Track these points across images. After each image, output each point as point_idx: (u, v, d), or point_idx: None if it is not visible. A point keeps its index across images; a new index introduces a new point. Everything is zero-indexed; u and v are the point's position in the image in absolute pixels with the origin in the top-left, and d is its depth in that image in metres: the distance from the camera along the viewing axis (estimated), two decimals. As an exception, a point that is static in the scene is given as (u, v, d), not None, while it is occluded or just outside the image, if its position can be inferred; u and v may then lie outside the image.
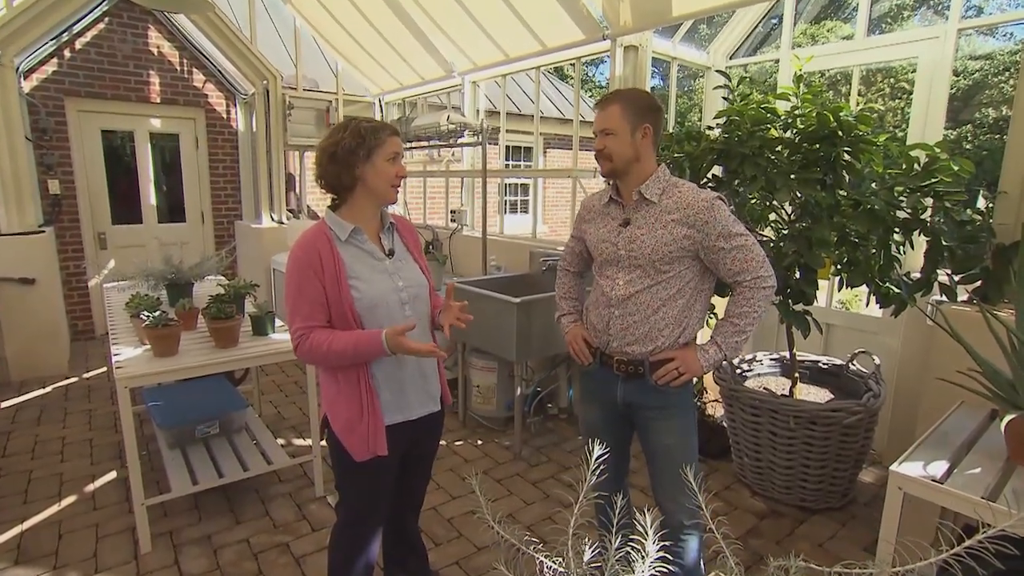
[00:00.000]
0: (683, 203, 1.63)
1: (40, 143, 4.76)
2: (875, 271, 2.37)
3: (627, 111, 1.64)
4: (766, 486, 2.84)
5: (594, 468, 0.89)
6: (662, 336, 1.68)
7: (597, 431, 1.90)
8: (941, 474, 1.60)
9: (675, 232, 1.63)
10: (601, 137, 1.67)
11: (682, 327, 1.70)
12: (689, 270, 1.68)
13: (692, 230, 1.62)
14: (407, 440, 1.67)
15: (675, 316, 1.68)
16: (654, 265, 1.66)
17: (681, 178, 1.83)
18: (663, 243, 1.63)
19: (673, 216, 1.64)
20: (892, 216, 2.24)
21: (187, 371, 2.35)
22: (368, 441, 1.55)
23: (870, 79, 12.48)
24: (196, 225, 5.78)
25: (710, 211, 1.61)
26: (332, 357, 1.51)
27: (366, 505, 1.68)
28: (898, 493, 1.64)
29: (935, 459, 1.69)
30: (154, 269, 3.07)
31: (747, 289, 1.64)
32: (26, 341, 4.16)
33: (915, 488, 1.59)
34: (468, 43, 4.21)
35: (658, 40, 3.57)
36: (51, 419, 3.59)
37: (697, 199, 1.63)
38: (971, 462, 1.68)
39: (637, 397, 1.76)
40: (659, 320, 1.68)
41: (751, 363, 3.25)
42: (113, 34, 5.01)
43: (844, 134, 2.12)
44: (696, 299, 1.72)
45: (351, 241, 1.59)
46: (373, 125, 1.57)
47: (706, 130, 2.40)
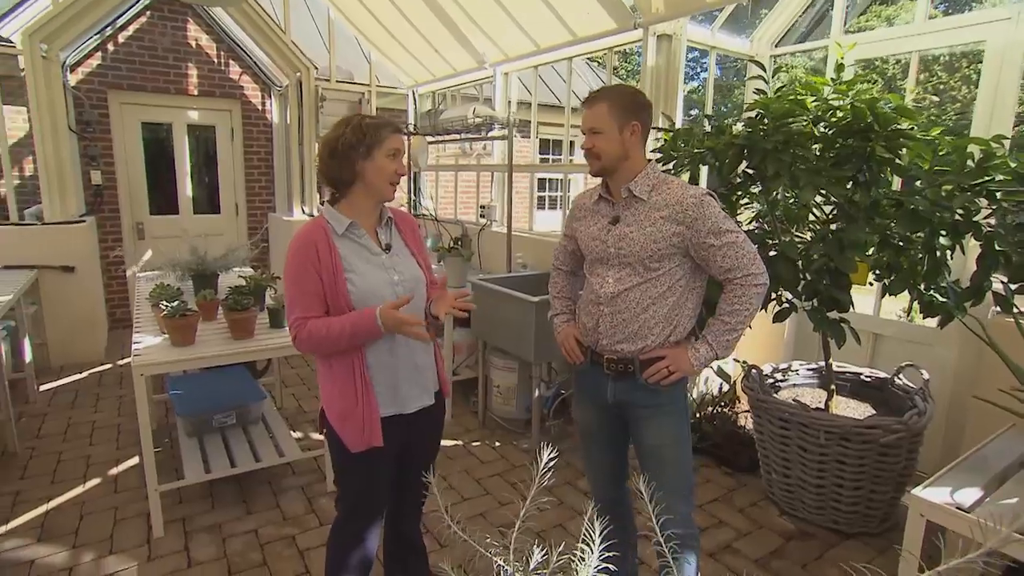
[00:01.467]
0: (672, 200, 1.64)
1: (84, 135, 5.08)
2: (919, 277, 2.26)
3: (614, 109, 1.65)
4: (796, 505, 2.75)
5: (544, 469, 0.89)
6: (652, 334, 1.69)
7: (590, 432, 1.94)
8: (971, 502, 1.52)
9: (665, 229, 1.64)
10: (589, 136, 1.69)
11: (672, 325, 1.70)
12: (679, 268, 1.69)
13: (682, 227, 1.62)
14: (403, 434, 1.70)
15: (665, 314, 1.69)
16: (643, 263, 1.67)
17: (703, 175, 1.81)
18: (652, 240, 1.64)
19: (662, 213, 1.64)
20: (939, 217, 2.13)
21: (202, 360, 2.48)
22: (363, 431, 1.60)
23: (953, 64, 11.80)
24: (230, 217, 6.04)
25: (699, 207, 1.61)
26: (330, 341, 1.57)
27: (364, 500, 1.73)
28: (920, 520, 1.57)
29: (967, 485, 1.61)
30: (180, 260, 3.23)
31: (738, 287, 1.64)
32: (66, 327, 4.45)
33: (938, 515, 1.52)
34: (499, 34, 4.23)
35: (696, 28, 3.49)
36: (84, 404, 3.83)
37: (686, 196, 1.63)
38: (1010, 491, 1.59)
39: (628, 396, 1.77)
40: (649, 318, 1.69)
41: (786, 373, 3.16)
42: (154, 27, 5.30)
43: (881, 128, 2.02)
44: (687, 297, 1.72)
45: (348, 235, 1.64)
46: (375, 122, 1.62)
47: (733, 124, 2.34)
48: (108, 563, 2.31)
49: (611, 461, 1.98)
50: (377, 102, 5.99)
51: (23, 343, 3.69)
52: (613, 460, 1.98)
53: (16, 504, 2.69)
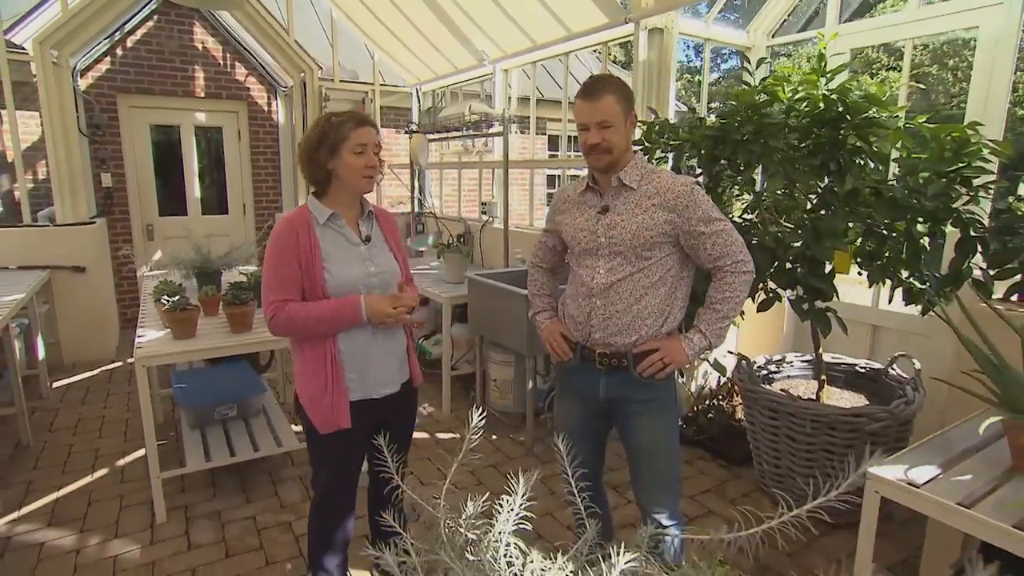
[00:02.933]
0: (663, 188, 1.70)
1: (94, 138, 5.34)
2: (899, 265, 2.34)
3: (620, 101, 1.68)
4: (787, 494, 2.83)
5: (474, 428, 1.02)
6: (645, 325, 1.73)
7: (573, 430, 1.92)
8: (924, 479, 1.61)
9: (656, 217, 1.68)
10: (598, 130, 1.68)
11: (665, 316, 1.75)
12: (670, 256, 1.74)
13: (672, 214, 1.68)
14: (374, 419, 1.83)
15: (658, 304, 1.74)
16: (635, 251, 1.71)
17: (686, 166, 1.91)
18: (644, 228, 1.68)
19: (653, 201, 1.69)
20: (917, 205, 2.21)
21: (201, 352, 2.66)
22: (331, 414, 1.73)
23: (938, 54, 11.63)
24: (238, 217, 6.28)
25: (690, 195, 1.67)
26: (309, 324, 1.70)
27: (336, 482, 1.86)
28: (875, 496, 1.66)
29: (925, 463, 1.69)
30: (185, 258, 3.43)
31: (728, 274, 1.70)
32: (78, 326, 4.71)
33: (891, 491, 1.62)
34: (497, 31, 4.37)
35: (689, 21, 3.59)
36: (94, 400, 4.06)
37: (676, 184, 1.70)
38: (965, 469, 1.67)
39: (621, 391, 1.80)
40: (642, 309, 1.72)
41: (780, 364, 3.24)
42: (161, 31, 5.55)
43: (852, 117, 2.11)
44: (677, 287, 1.77)
45: (329, 225, 1.77)
46: (339, 119, 1.71)
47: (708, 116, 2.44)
48: (113, 546, 2.50)
49: (592, 456, 1.99)
50: (381, 100, 6.17)
51: (36, 341, 3.93)
52: (593, 456, 1.99)
53: (28, 492, 2.90)
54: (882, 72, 10.36)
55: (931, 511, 1.53)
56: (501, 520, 0.96)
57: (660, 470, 1.82)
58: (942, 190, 2.15)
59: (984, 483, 1.58)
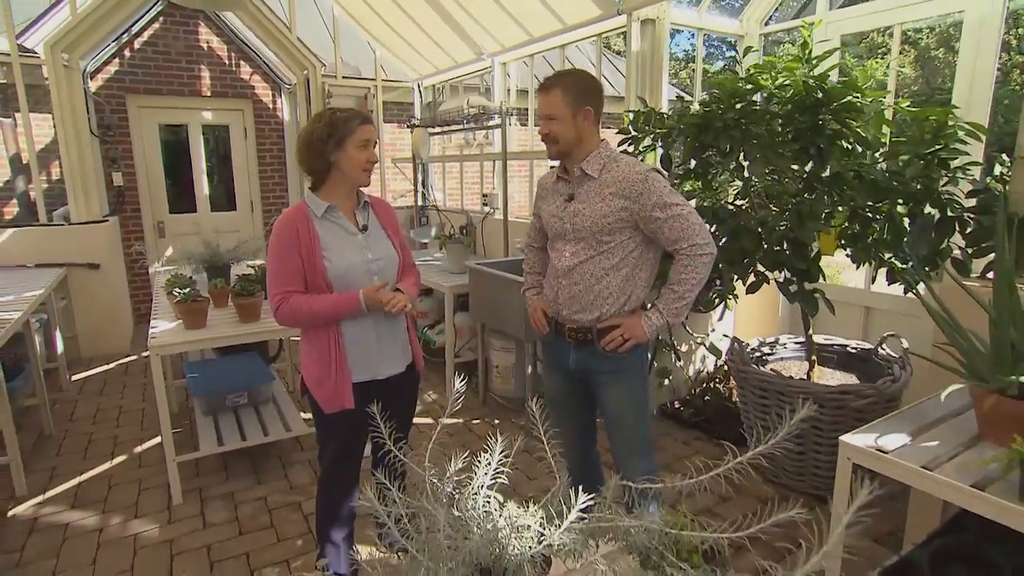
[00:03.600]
0: (620, 177, 1.82)
1: (105, 138, 5.49)
2: (881, 246, 2.42)
3: (568, 96, 1.82)
4: (778, 472, 2.93)
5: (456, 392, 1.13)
6: (607, 304, 1.88)
7: (558, 399, 2.14)
8: (893, 446, 1.70)
9: (613, 204, 1.82)
10: (545, 122, 1.86)
11: (627, 295, 1.89)
12: (631, 240, 1.86)
13: (628, 201, 1.80)
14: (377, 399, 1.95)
15: (619, 285, 1.88)
16: (595, 236, 1.85)
17: (673, 154, 2.00)
18: (602, 215, 1.83)
19: (611, 189, 1.83)
20: (898, 187, 2.28)
21: (211, 341, 2.79)
22: (335, 395, 1.85)
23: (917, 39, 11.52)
24: (246, 213, 6.42)
25: (645, 183, 1.79)
26: (312, 317, 1.82)
27: (341, 458, 1.99)
28: (847, 463, 1.76)
29: (897, 432, 1.79)
30: (195, 252, 3.56)
31: (685, 256, 1.81)
32: (93, 321, 4.87)
33: (861, 458, 1.71)
34: (495, 25, 4.46)
35: (683, 11, 3.67)
36: (111, 391, 4.22)
37: (632, 172, 1.81)
38: (933, 436, 1.76)
39: (588, 363, 1.97)
40: (603, 289, 1.88)
41: (773, 346, 3.32)
42: (167, 32, 5.68)
43: (831, 102, 2.19)
44: (639, 268, 1.90)
45: (327, 217, 1.88)
46: (345, 115, 1.85)
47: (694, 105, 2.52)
48: (133, 525, 2.64)
49: (579, 426, 2.17)
50: (384, 96, 6.27)
51: (55, 335, 4.09)
52: (581, 424, 2.17)
53: (52, 478, 3.05)
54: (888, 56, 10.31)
55: (898, 475, 1.63)
56: (479, 474, 1.07)
57: (628, 436, 1.97)
58: (920, 172, 2.23)
59: (950, 448, 1.67)
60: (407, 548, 0.92)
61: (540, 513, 1.04)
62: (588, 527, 1.01)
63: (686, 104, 2.59)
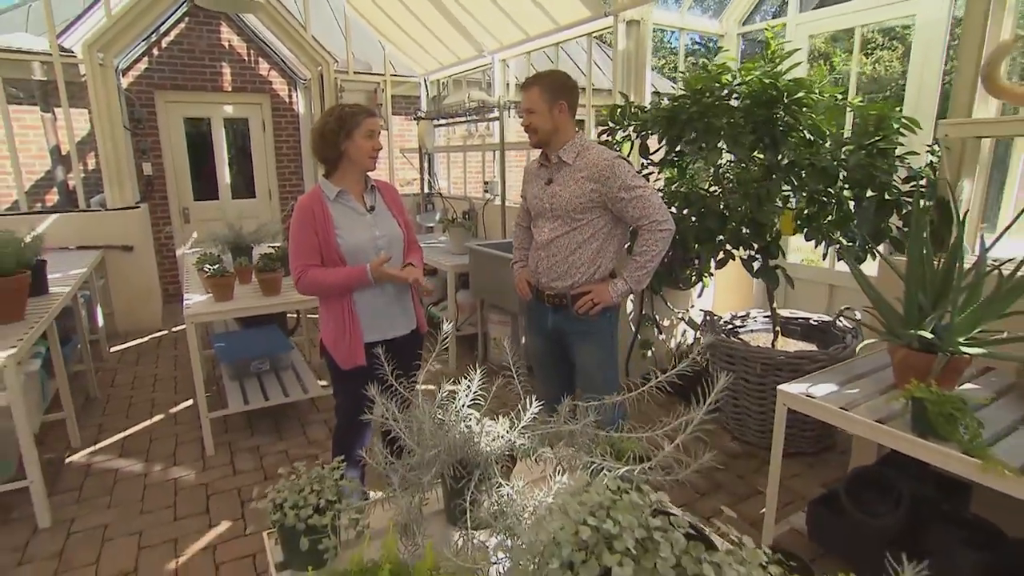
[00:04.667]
0: (590, 163, 2.04)
1: (136, 131, 5.75)
2: (831, 227, 2.64)
3: (544, 92, 2.05)
4: (744, 431, 3.17)
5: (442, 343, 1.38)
6: (578, 273, 2.12)
7: (538, 357, 2.39)
8: (820, 393, 1.94)
9: (584, 187, 2.04)
10: (527, 115, 2.09)
11: (596, 266, 2.12)
12: (600, 218, 2.09)
13: (597, 184, 2.03)
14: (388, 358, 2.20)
15: (589, 257, 2.11)
16: (569, 215, 2.08)
17: (648, 144, 2.20)
18: (575, 196, 2.05)
19: (583, 174, 2.05)
20: (843, 174, 2.50)
21: (238, 311, 3.06)
22: (350, 354, 2.10)
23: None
24: (265, 200, 6.68)
25: (611, 168, 2.01)
26: (326, 288, 2.06)
27: (354, 410, 2.22)
28: (783, 407, 2.00)
29: (827, 383, 2.02)
30: (220, 235, 3.83)
31: (646, 232, 2.04)
32: (128, 300, 5.16)
33: (793, 402, 1.95)
34: (494, 25, 4.65)
35: (666, 12, 3.86)
36: (146, 361, 4.52)
37: (601, 159, 2.03)
38: (857, 386, 2.00)
39: (563, 324, 2.21)
40: (575, 260, 2.11)
41: (744, 319, 3.56)
42: (192, 32, 5.91)
43: (782, 98, 2.40)
44: (608, 243, 2.13)
45: (339, 200, 2.11)
46: (352, 110, 2.07)
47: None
48: (173, 471, 2.93)
49: (557, 383, 2.38)
50: (393, 90, 6.49)
51: (96, 311, 4.38)
52: (559, 381, 2.38)
53: (100, 433, 3.34)
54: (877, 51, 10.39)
55: (821, 415, 1.87)
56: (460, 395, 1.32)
57: (597, 388, 2.20)
58: (863, 160, 2.45)
59: (868, 394, 1.91)
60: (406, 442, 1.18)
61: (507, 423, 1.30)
62: (542, 433, 1.26)
63: (661, 98, 2.80)
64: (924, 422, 1.60)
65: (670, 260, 3.09)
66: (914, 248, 1.89)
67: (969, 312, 1.71)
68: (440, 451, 1.14)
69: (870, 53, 10.35)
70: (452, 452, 1.18)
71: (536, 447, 1.24)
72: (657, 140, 2.68)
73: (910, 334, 1.77)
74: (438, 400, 1.40)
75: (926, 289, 1.85)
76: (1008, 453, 1.48)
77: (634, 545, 0.70)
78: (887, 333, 1.93)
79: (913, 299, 1.85)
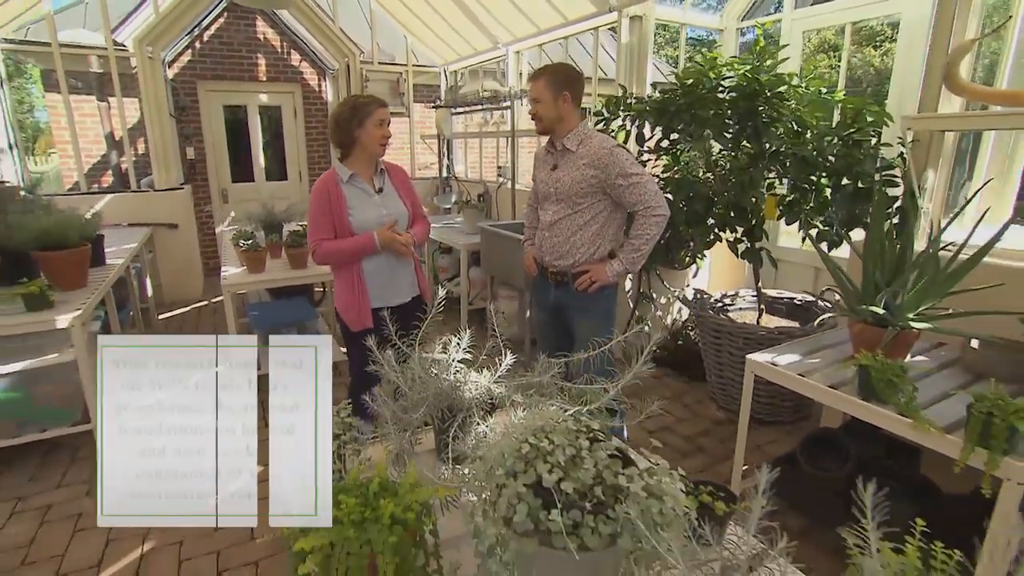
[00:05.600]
0: (592, 151, 2.12)
1: (180, 118, 5.96)
2: (812, 212, 2.71)
3: (550, 83, 2.12)
4: (728, 400, 3.29)
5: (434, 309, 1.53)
6: (579, 252, 2.20)
7: (542, 331, 2.49)
8: (784, 362, 2.05)
9: (585, 173, 2.12)
10: (533, 104, 2.17)
11: (596, 246, 2.20)
12: (600, 203, 2.17)
13: (597, 171, 2.10)
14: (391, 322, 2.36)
15: (589, 238, 2.20)
16: (571, 199, 2.16)
17: (645, 130, 2.28)
18: (576, 181, 2.13)
19: (584, 161, 2.12)
20: (823, 163, 2.56)
21: (269, 282, 3.25)
22: (359, 317, 2.26)
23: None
24: (295, 182, 6.88)
25: (610, 156, 2.09)
26: (341, 255, 2.21)
27: (363, 366, 2.40)
28: (751, 375, 2.12)
29: (792, 353, 2.13)
30: (254, 214, 4.01)
31: (641, 217, 2.12)
32: (173, 273, 5.42)
33: (760, 370, 2.07)
34: (507, 19, 4.71)
35: (668, 8, 3.89)
36: (189, 328, 4.78)
37: (601, 147, 2.11)
38: (819, 356, 2.10)
39: (564, 299, 2.30)
40: (576, 241, 2.20)
41: (734, 299, 3.64)
42: (230, 27, 6.07)
43: (766, 91, 2.47)
44: (608, 226, 2.21)
45: (351, 182, 2.24)
46: (364, 100, 2.18)
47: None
48: (213, 423, 3.16)
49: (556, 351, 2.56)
50: (415, 79, 6.58)
51: (145, 282, 4.63)
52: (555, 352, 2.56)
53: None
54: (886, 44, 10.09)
55: (782, 380, 1.98)
56: (451, 350, 1.47)
57: (595, 362, 2.32)
58: (839, 150, 2.51)
59: (827, 364, 2.01)
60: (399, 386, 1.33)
61: (489, 375, 1.44)
62: (519, 384, 1.41)
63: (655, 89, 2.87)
64: (868, 387, 1.71)
65: (667, 242, 3.19)
66: (874, 232, 1.97)
67: (915, 291, 1.79)
68: (429, 395, 1.30)
69: (879, 45, 10.09)
70: (440, 398, 1.33)
71: (511, 395, 1.39)
72: (650, 129, 2.76)
73: (864, 309, 1.87)
74: (432, 356, 1.54)
75: (884, 269, 1.94)
76: (938, 415, 1.58)
77: (564, 460, 0.84)
78: (847, 309, 2.03)
79: (870, 278, 1.94)
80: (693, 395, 3.53)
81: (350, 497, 0.95)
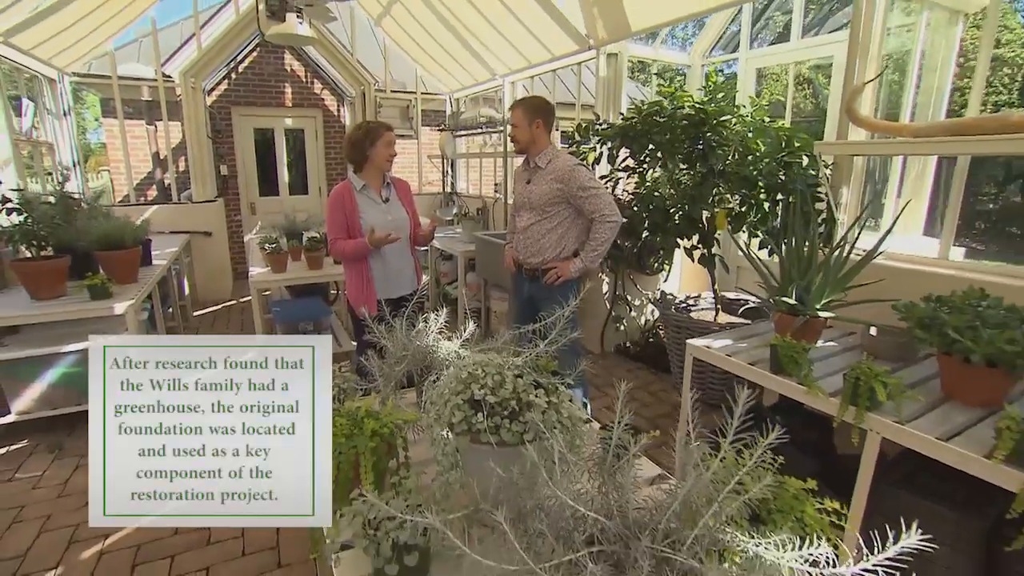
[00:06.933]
0: (556, 168, 2.40)
1: (216, 140, 6.30)
2: (755, 222, 2.95)
3: (525, 112, 2.41)
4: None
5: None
6: (547, 252, 2.47)
7: (516, 315, 2.77)
8: (718, 346, 2.28)
9: (552, 186, 2.39)
10: (512, 129, 2.46)
11: (561, 247, 2.47)
12: (564, 211, 2.44)
13: (561, 184, 2.37)
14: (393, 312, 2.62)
15: (555, 240, 2.46)
16: (541, 208, 2.44)
17: (615, 152, 2.54)
18: (545, 193, 2.41)
19: (550, 176, 2.40)
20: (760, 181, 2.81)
21: (289, 280, 3.53)
22: (366, 305, 2.53)
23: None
24: (316, 197, 7.19)
25: (572, 172, 2.36)
26: (349, 253, 2.47)
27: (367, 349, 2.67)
28: (689, 358, 2.35)
29: (728, 339, 2.36)
30: (278, 223, 4.30)
31: (598, 223, 2.38)
32: (207, 275, 5.72)
33: (697, 352, 2.29)
34: (503, 53, 5.02)
35: (641, 47, 4.17)
36: (220, 324, 5.05)
37: (565, 165, 2.38)
38: (749, 342, 2.33)
39: (535, 292, 2.57)
40: (545, 243, 2.47)
41: (697, 300, 3.87)
42: (262, 59, 6.42)
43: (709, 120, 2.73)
44: (570, 230, 2.47)
45: (363, 191, 2.53)
46: (375, 125, 2.47)
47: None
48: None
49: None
50: (423, 105, 6.90)
51: (183, 282, 4.92)
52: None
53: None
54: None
55: (712, 359, 2.21)
56: (431, 322, 1.72)
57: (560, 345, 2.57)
58: (773, 170, 2.76)
59: (752, 347, 2.24)
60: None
61: (458, 343, 1.69)
62: (483, 348, 1.65)
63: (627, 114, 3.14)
64: (777, 362, 1.94)
65: (638, 250, 3.44)
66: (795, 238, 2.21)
67: (818, 285, 2.03)
68: (408, 354, 1.55)
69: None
70: (418, 357, 1.58)
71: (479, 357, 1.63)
72: (616, 152, 3.03)
73: (781, 301, 2.11)
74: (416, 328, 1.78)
75: (799, 269, 2.18)
76: (828, 384, 1.82)
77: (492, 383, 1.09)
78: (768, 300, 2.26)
79: (787, 275, 2.18)
80: (659, 384, 3.75)
81: (342, 418, 1.21)
